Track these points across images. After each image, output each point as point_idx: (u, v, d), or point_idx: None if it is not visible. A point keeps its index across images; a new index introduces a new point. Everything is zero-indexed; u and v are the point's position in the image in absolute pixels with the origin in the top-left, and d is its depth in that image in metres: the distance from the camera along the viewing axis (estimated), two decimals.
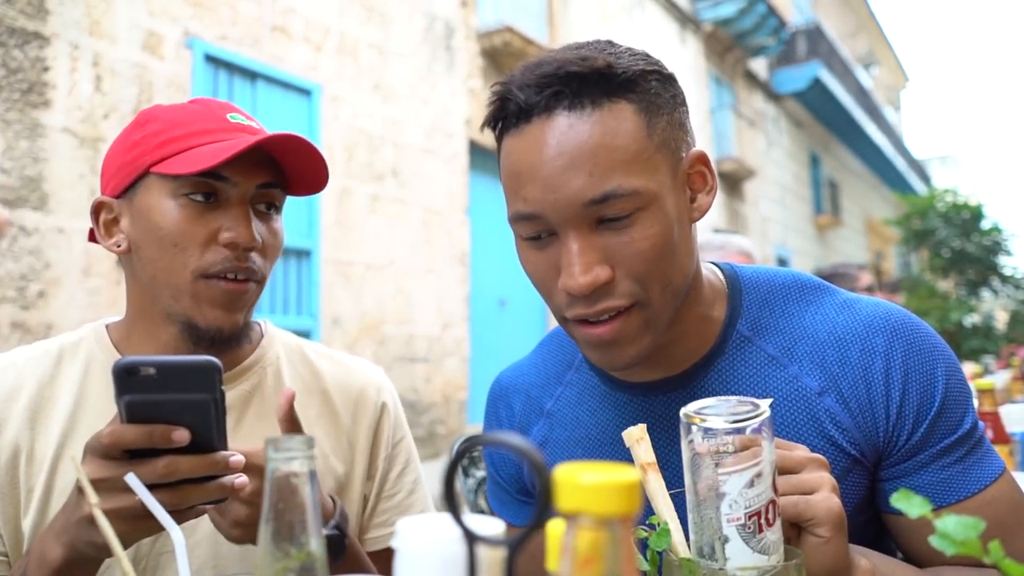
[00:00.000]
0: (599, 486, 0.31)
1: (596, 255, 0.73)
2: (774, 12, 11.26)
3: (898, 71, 25.08)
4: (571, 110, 0.73)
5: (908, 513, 0.46)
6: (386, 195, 5.68)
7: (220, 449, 0.68)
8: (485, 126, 0.81)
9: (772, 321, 0.85)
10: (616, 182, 0.72)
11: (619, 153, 0.72)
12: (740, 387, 0.83)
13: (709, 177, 0.81)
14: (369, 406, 1.01)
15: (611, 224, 0.73)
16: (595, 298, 0.74)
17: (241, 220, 0.86)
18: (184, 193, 0.85)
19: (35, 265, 3.61)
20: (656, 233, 0.74)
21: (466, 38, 6.60)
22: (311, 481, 0.52)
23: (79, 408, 0.88)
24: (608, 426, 0.89)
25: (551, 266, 0.77)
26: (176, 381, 0.64)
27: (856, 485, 0.80)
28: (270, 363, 0.98)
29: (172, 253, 0.86)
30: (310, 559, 0.52)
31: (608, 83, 0.73)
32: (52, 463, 0.85)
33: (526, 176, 0.74)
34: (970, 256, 10.29)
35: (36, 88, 3.66)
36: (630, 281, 0.75)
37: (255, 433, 0.92)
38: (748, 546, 0.60)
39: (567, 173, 0.72)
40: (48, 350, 0.92)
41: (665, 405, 0.85)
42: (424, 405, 5.87)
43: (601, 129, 0.72)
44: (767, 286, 0.88)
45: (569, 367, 0.96)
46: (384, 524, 1.00)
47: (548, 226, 0.75)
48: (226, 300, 0.87)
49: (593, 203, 0.72)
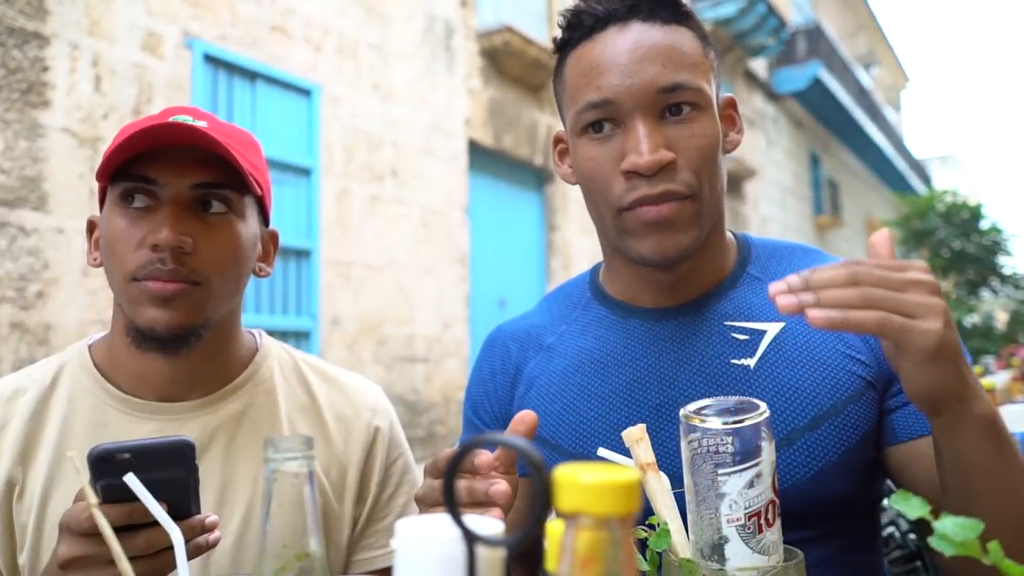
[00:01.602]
0: (599, 486, 0.31)
1: (661, 139, 0.81)
2: (774, 12, 11.25)
3: (898, 71, 25.08)
4: (644, 21, 0.84)
5: (907, 513, 0.46)
6: (386, 195, 5.68)
7: (196, 513, 0.68)
8: (556, 47, 0.90)
9: (779, 269, 0.92)
10: (685, 76, 0.82)
11: (687, 57, 0.83)
12: (752, 313, 0.88)
13: (737, 120, 0.92)
14: (362, 429, 0.99)
15: (675, 116, 0.82)
16: (657, 180, 0.81)
17: (164, 221, 0.83)
18: (121, 201, 0.85)
19: (34, 265, 3.61)
20: (712, 134, 0.83)
21: (466, 38, 6.60)
22: (311, 481, 0.52)
23: (65, 441, 0.88)
24: (616, 349, 0.91)
25: (612, 157, 0.83)
26: (151, 462, 0.64)
27: (868, 410, 0.82)
28: (263, 381, 0.96)
29: (110, 261, 0.86)
30: (309, 559, 0.52)
31: (675, 9, 0.86)
32: (42, 497, 0.85)
33: (602, 67, 0.83)
34: (970, 256, 10.30)
35: (35, 88, 3.66)
36: (688, 171, 0.82)
37: (246, 454, 0.91)
38: (748, 546, 0.60)
39: (643, 63, 0.81)
40: (34, 379, 0.91)
41: (676, 328, 0.89)
42: (424, 405, 5.87)
43: (672, 37, 0.84)
44: (772, 245, 0.97)
45: (576, 307, 0.99)
46: (371, 547, 0.98)
47: (617, 114, 0.82)
48: (157, 299, 0.84)
49: (664, 90, 0.81)
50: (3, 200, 3.50)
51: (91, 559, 0.65)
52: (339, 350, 5.17)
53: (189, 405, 0.91)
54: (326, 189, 5.16)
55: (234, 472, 0.90)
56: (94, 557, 0.64)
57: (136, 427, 0.89)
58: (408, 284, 5.82)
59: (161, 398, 0.90)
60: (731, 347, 0.86)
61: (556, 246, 7.51)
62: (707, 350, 0.87)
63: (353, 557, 0.98)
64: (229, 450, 0.91)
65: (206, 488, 0.87)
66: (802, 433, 0.80)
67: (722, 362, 0.85)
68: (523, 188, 7.40)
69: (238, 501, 0.90)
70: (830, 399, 0.81)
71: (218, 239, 0.87)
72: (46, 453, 0.87)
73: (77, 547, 0.65)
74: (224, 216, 0.88)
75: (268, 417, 0.94)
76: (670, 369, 0.87)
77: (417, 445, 5.66)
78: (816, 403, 0.81)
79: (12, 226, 3.53)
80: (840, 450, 0.80)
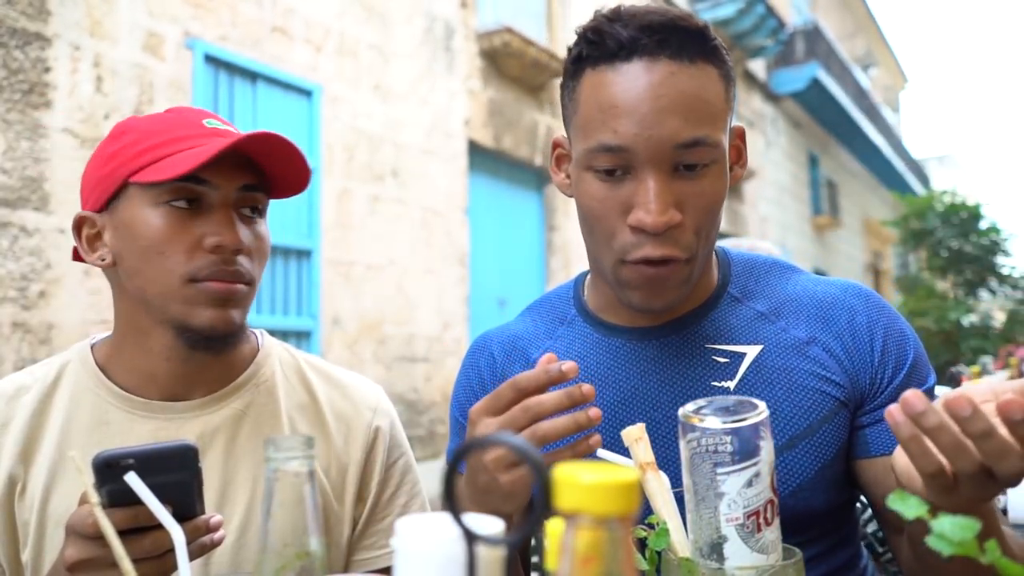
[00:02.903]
0: (598, 486, 0.32)
1: (672, 198, 0.79)
2: (773, 13, 11.25)
3: (896, 72, 25.07)
4: (673, 60, 0.79)
5: (905, 514, 0.46)
6: (386, 195, 5.68)
7: (200, 514, 0.69)
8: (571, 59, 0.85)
9: (758, 288, 0.93)
10: (706, 131, 0.78)
11: (710, 107, 0.79)
12: (732, 335, 0.89)
13: (744, 152, 0.90)
14: (362, 430, 0.99)
15: (687, 172, 0.79)
16: (661, 241, 0.79)
17: (226, 223, 0.85)
18: (165, 200, 0.85)
19: (36, 265, 3.61)
20: (720, 189, 0.82)
21: (466, 39, 6.60)
22: (311, 481, 0.53)
23: (66, 439, 0.88)
24: (598, 369, 0.92)
25: (620, 203, 0.81)
26: (155, 467, 0.65)
27: (840, 428, 0.85)
28: (264, 380, 0.97)
29: (158, 261, 0.85)
30: (310, 558, 0.52)
31: (703, 45, 0.80)
32: (44, 495, 0.85)
33: (622, 109, 0.78)
34: (968, 256, 10.30)
35: (37, 89, 3.66)
36: (692, 233, 0.81)
37: (247, 453, 0.92)
38: (747, 545, 0.60)
39: (664, 114, 0.77)
40: (37, 377, 0.92)
41: (658, 349, 0.90)
42: (424, 405, 5.87)
43: (699, 83, 0.79)
44: (750, 262, 0.96)
45: (561, 323, 0.99)
46: (372, 547, 0.98)
47: (630, 162, 0.79)
48: (218, 299, 0.86)
49: (683, 146, 0.78)
50: (5, 200, 3.50)
51: (97, 561, 0.65)
52: (339, 350, 5.18)
53: (191, 404, 0.91)
54: (326, 189, 5.16)
55: (235, 471, 0.91)
56: (100, 559, 0.65)
57: (137, 426, 0.89)
58: (408, 284, 5.82)
59: (163, 397, 0.91)
60: (711, 369, 0.87)
61: (556, 246, 7.51)
62: (688, 372, 0.88)
63: (353, 557, 0.98)
64: (230, 449, 0.91)
65: (207, 487, 0.87)
66: (780, 452, 0.83)
67: (703, 384, 0.87)
68: (523, 188, 7.40)
69: (239, 500, 0.90)
70: (806, 420, 0.84)
71: (260, 240, 0.91)
72: (48, 451, 0.87)
73: (83, 550, 0.65)
74: (261, 219, 0.92)
75: (269, 416, 0.94)
76: (652, 391, 0.88)
77: (417, 445, 5.66)
78: (793, 424, 0.84)
79: (14, 226, 3.54)
80: (816, 467, 0.83)
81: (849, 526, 0.92)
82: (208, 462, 0.89)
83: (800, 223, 14.44)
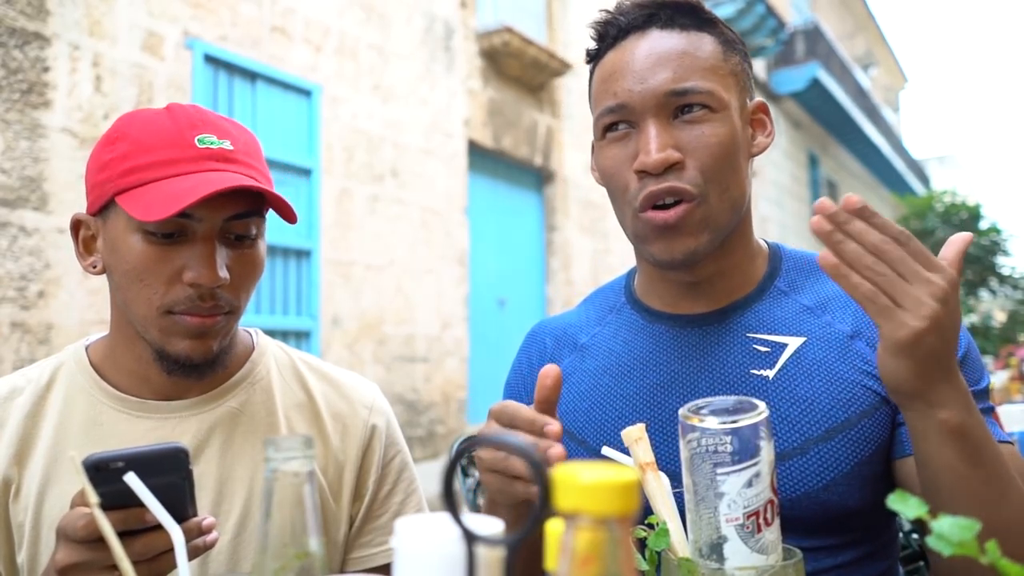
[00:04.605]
0: (598, 486, 0.32)
1: (670, 140, 0.84)
2: (773, 13, 11.25)
3: (896, 72, 25.08)
4: (663, 29, 0.87)
5: (905, 514, 0.46)
6: (385, 195, 5.68)
7: (192, 516, 0.69)
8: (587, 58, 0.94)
9: (807, 284, 0.93)
10: (695, 80, 0.84)
11: (700, 61, 0.86)
12: (776, 326, 0.89)
13: (768, 123, 0.94)
14: (359, 427, 0.99)
15: (686, 117, 0.84)
16: (664, 176, 0.83)
17: (205, 259, 0.83)
18: (147, 229, 0.83)
19: (35, 265, 3.61)
20: (723, 134, 0.85)
21: (465, 39, 6.60)
22: (311, 481, 0.52)
23: (61, 440, 0.88)
24: (640, 353, 0.94)
25: (628, 157, 0.86)
26: (146, 469, 0.65)
27: (881, 425, 0.84)
28: (259, 379, 0.96)
29: (137, 287, 0.84)
30: (309, 558, 0.52)
31: (695, 16, 0.88)
32: (38, 497, 0.85)
33: (618, 74, 0.87)
34: (968, 256, 10.28)
35: (36, 88, 3.66)
36: (696, 171, 0.84)
37: (243, 452, 0.91)
38: (747, 546, 0.60)
39: (654, 68, 0.85)
40: (30, 379, 0.91)
41: (700, 336, 0.92)
42: (423, 405, 5.87)
43: (687, 42, 0.86)
44: (803, 258, 0.97)
45: (611, 311, 1.02)
46: (369, 544, 0.98)
47: (631, 116, 0.86)
48: (194, 332, 0.85)
49: (674, 94, 0.84)
50: (4, 200, 3.50)
51: (88, 565, 0.65)
52: (339, 350, 5.17)
53: (186, 403, 0.91)
54: (326, 189, 5.16)
55: (231, 470, 0.91)
56: (92, 563, 0.65)
57: (132, 425, 0.89)
58: (408, 284, 5.82)
59: (158, 396, 0.91)
60: (752, 358, 0.88)
61: (555, 246, 7.51)
62: (728, 359, 0.89)
63: (350, 555, 0.98)
64: (226, 448, 0.91)
65: (203, 486, 0.88)
66: (815, 443, 0.82)
67: (742, 371, 0.87)
68: (522, 188, 7.40)
69: (235, 499, 0.90)
70: (845, 413, 0.83)
71: (247, 266, 0.88)
72: (42, 453, 0.87)
73: (74, 553, 0.65)
74: (252, 241, 0.89)
75: (265, 415, 0.94)
76: (691, 376, 0.90)
77: (417, 445, 5.66)
78: (831, 416, 0.83)
79: (13, 226, 3.53)
80: (852, 461, 0.82)
81: (887, 536, 0.89)
82: (204, 461, 0.89)
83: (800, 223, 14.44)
